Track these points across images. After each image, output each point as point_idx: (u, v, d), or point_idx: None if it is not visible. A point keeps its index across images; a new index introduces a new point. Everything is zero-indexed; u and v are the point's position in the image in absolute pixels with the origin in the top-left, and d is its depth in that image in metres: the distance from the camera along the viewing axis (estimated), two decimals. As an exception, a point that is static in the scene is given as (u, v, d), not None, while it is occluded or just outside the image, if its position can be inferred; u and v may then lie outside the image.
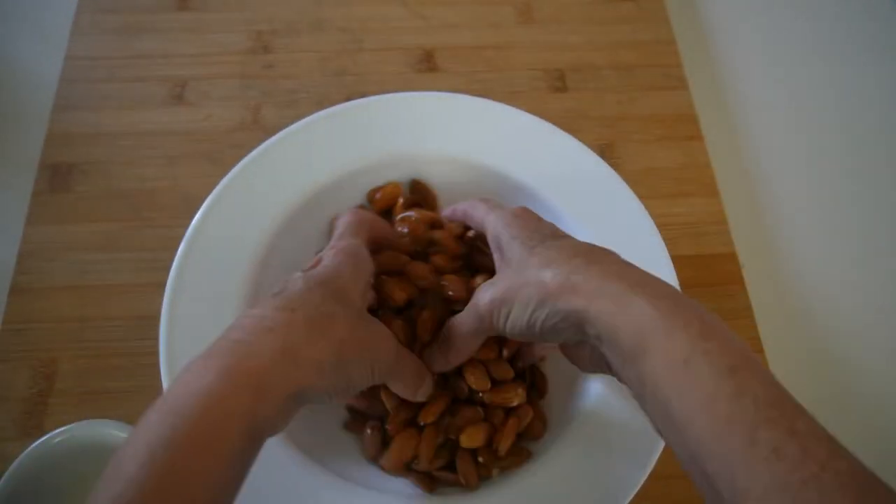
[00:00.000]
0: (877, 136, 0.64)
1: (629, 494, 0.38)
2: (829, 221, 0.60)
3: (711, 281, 0.55)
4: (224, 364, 0.29)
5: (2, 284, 0.52)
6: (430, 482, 0.40)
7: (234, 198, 0.45)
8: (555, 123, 0.49)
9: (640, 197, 0.46)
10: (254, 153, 0.47)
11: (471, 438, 0.39)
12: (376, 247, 0.42)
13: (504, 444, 0.39)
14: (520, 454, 0.41)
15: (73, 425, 0.41)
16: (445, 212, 0.46)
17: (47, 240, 0.54)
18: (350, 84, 0.62)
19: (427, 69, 0.63)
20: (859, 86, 0.67)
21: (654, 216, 0.46)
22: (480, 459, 0.40)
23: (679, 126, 0.62)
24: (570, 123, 0.50)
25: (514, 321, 0.34)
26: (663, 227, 0.45)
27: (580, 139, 0.49)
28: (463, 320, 0.37)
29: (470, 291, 0.40)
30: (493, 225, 0.39)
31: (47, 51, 0.63)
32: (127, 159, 0.57)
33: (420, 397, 0.39)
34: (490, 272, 0.41)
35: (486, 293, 0.35)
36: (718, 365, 0.27)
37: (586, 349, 0.35)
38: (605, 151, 0.59)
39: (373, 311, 0.42)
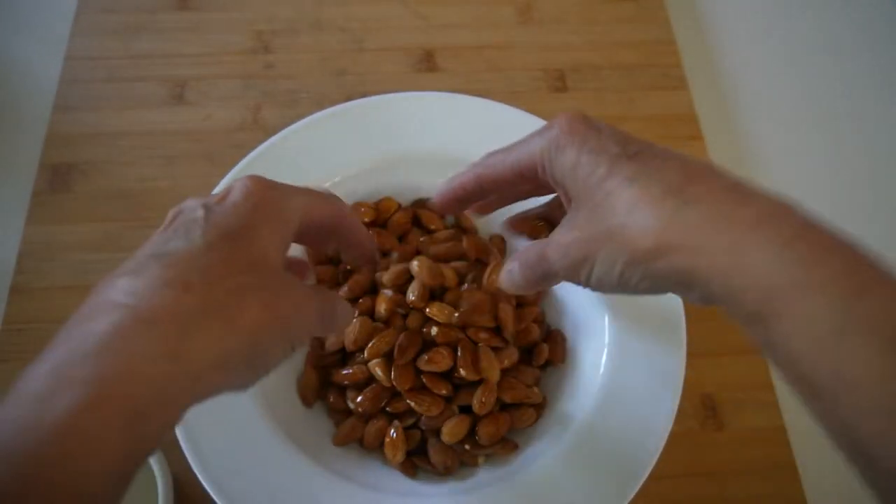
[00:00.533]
0: (877, 136, 0.64)
1: (629, 495, 0.38)
2: (829, 219, 0.60)
3: (711, 281, 0.55)
4: (87, 378, 0.21)
5: (2, 284, 0.52)
6: (410, 467, 0.41)
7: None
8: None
9: (640, 197, 0.46)
10: (254, 153, 0.47)
11: (452, 433, 0.40)
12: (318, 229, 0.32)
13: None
14: (505, 446, 0.41)
15: (73, 425, 0.41)
16: (441, 193, 0.36)
17: (47, 240, 0.54)
18: (350, 84, 0.62)
19: (427, 69, 0.63)
20: (860, 85, 0.67)
21: (654, 216, 0.46)
22: (467, 447, 0.40)
23: (679, 126, 0.62)
24: (570, 123, 0.50)
25: (601, 279, 0.27)
26: (663, 227, 0.45)
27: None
28: (525, 269, 0.30)
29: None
30: (548, 157, 0.29)
31: (47, 51, 0.63)
32: (127, 159, 0.57)
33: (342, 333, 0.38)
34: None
35: (559, 247, 0.28)
36: (882, 333, 0.21)
37: (697, 295, 0.26)
38: (605, 151, 0.59)
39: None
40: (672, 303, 0.42)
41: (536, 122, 0.49)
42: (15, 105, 0.61)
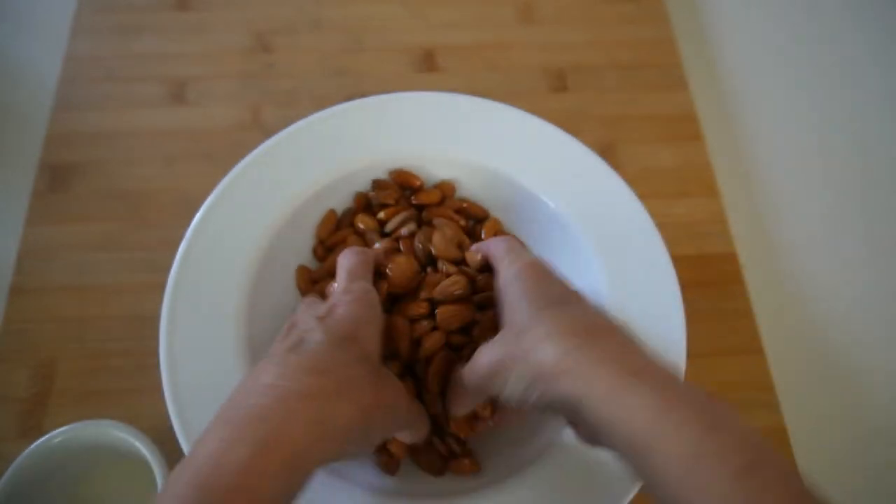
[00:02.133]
0: (878, 136, 0.64)
1: (627, 496, 0.38)
2: (829, 221, 0.60)
3: (711, 281, 0.55)
4: (258, 437, 0.27)
5: (2, 284, 0.52)
6: (391, 462, 0.41)
7: (235, 198, 0.45)
8: (555, 123, 0.49)
9: (640, 197, 0.46)
10: (254, 153, 0.47)
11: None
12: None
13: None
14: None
15: (73, 425, 0.41)
16: (473, 247, 0.44)
17: (47, 240, 0.54)
18: (350, 84, 0.62)
19: (427, 69, 0.63)
20: (860, 85, 0.67)
21: (654, 216, 0.46)
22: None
23: (679, 126, 0.62)
24: (570, 123, 0.50)
25: (510, 393, 0.33)
26: (663, 227, 0.45)
27: (580, 139, 0.49)
28: (466, 378, 0.36)
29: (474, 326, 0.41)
30: (503, 276, 0.37)
31: (47, 51, 0.63)
32: (127, 159, 0.57)
33: (422, 440, 0.39)
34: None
35: (485, 356, 0.34)
36: (733, 463, 0.25)
37: (584, 429, 0.32)
38: (605, 151, 0.59)
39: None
40: (672, 305, 0.42)
41: (536, 122, 0.49)
42: (15, 105, 0.61)
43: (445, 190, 0.49)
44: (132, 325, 0.50)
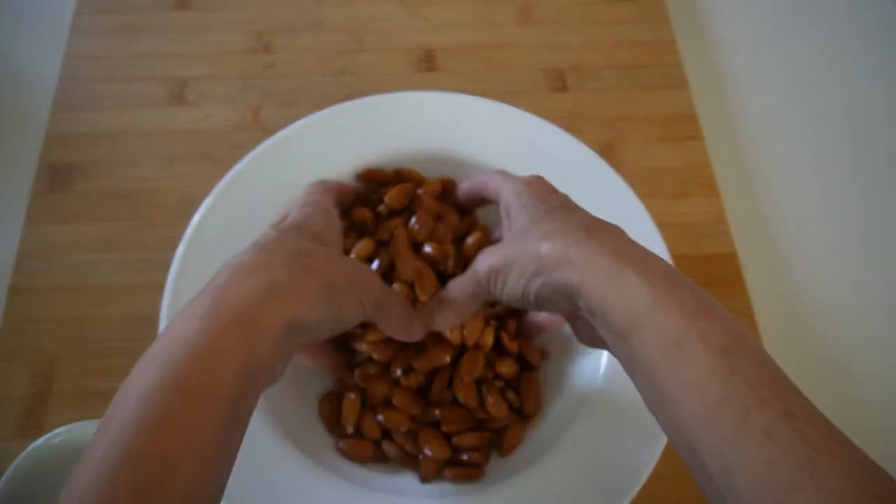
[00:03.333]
0: (878, 136, 0.64)
1: (629, 495, 0.38)
2: (829, 221, 0.60)
3: (711, 281, 0.55)
4: (209, 307, 0.28)
5: (2, 284, 0.52)
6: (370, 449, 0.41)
7: (234, 197, 0.45)
8: (555, 123, 0.49)
9: (640, 197, 0.46)
10: (254, 152, 0.47)
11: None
12: (346, 205, 0.44)
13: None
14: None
15: (73, 425, 0.41)
16: (462, 185, 0.46)
17: (47, 240, 0.54)
18: (350, 84, 0.62)
19: (427, 69, 0.63)
20: (860, 85, 0.67)
21: (654, 216, 0.46)
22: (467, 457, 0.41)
23: (679, 126, 0.62)
24: (570, 123, 0.50)
25: (510, 289, 0.33)
26: (663, 226, 0.45)
27: (580, 139, 0.49)
28: (462, 283, 0.37)
29: (461, 256, 0.43)
30: (506, 193, 0.38)
31: (47, 50, 0.63)
32: (127, 159, 0.57)
33: (414, 335, 0.38)
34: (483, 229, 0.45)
35: (486, 259, 0.35)
36: (712, 345, 0.26)
37: (582, 321, 0.34)
38: (605, 151, 0.59)
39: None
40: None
41: (537, 122, 0.49)
42: (15, 105, 0.61)
43: (446, 185, 0.49)
44: (132, 325, 0.50)
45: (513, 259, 0.33)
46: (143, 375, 0.26)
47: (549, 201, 0.36)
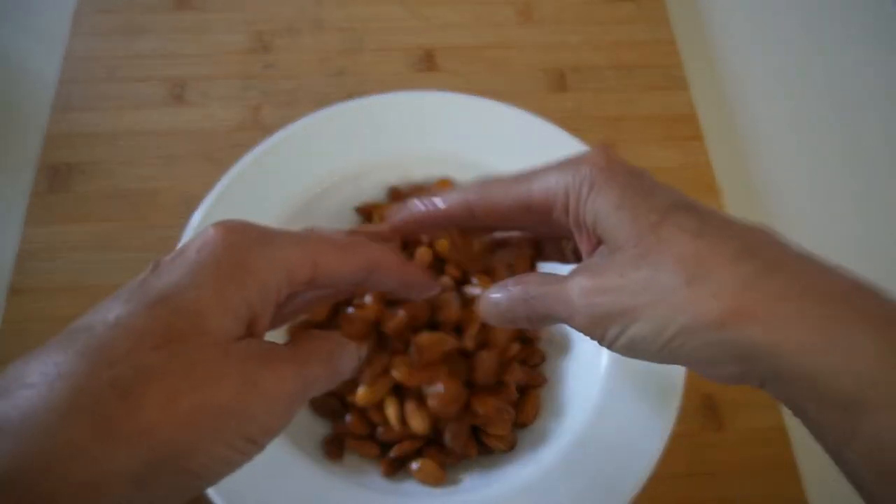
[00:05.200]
0: (878, 135, 0.64)
1: (628, 496, 0.38)
2: (829, 221, 0.60)
3: (711, 281, 0.54)
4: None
5: (2, 284, 0.52)
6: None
7: (234, 197, 0.45)
8: (555, 123, 0.49)
9: (641, 197, 0.46)
10: (253, 152, 0.47)
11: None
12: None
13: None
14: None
15: None
16: (416, 217, 0.30)
17: (47, 240, 0.54)
18: (350, 84, 0.62)
19: (427, 69, 0.63)
20: (860, 85, 0.67)
21: (654, 216, 0.46)
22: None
23: (679, 126, 0.62)
24: (570, 123, 0.50)
25: (637, 342, 0.23)
26: (663, 227, 0.45)
27: (580, 139, 0.49)
28: (542, 304, 0.25)
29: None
30: (575, 193, 0.25)
31: (47, 51, 0.63)
32: (127, 159, 0.57)
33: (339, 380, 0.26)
34: None
35: (583, 283, 0.24)
36: None
37: (772, 388, 0.23)
38: (606, 151, 0.59)
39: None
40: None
41: (537, 122, 0.49)
42: (14, 105, 0.61)
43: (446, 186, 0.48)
44: (132, 325, 0.50)
45: (638, 301, 0.23)
46: None
47: (656, 193, 0.25)
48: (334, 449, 0.41)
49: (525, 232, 0.31)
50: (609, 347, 0.25)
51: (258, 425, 0.22)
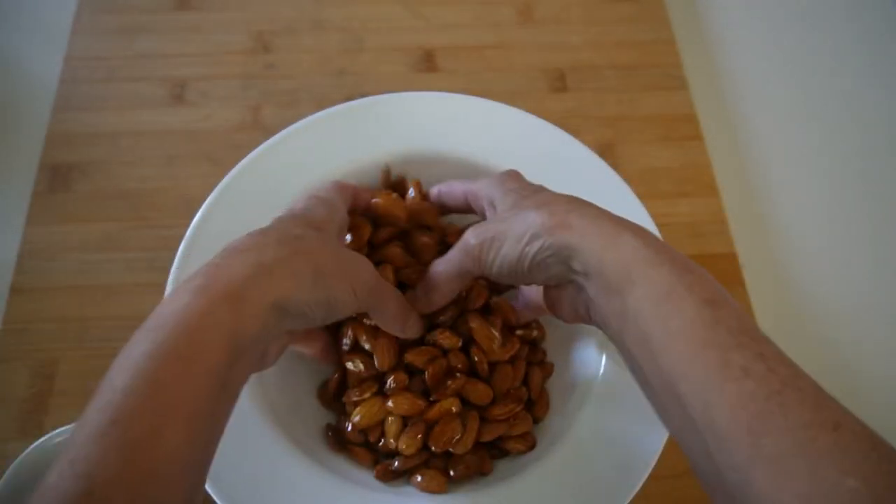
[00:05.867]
0: (877, 136, 0.64)
1: (628, 495, 0.38)
2: (829, 221, 0.60)
3: (711, 281, 0.55)
4: (199, 283, 0.29)
5: (2, 284, 0.52)
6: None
7: (235, 197, 0.45)
8: (555, 123, 0.49)
9: (640, 197, 0.46)
10: (254, 153, 0.47)
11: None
12: (361, 208, 0.42)
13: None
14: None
15: (73, 425, 0.41)
16: (433, 191, 0.45)
17: (47, 240, 0.54)
18: (350, 84, 0.62)
19: (427, 69, 0.63)
20: (860, 85, 0.67)
21: (654, 216, 0.46)
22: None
23: (679, 126, 0.62)
24: (570, 123, 0.50)
25: (505, 256, 0.34)
26: (663, 227, 0.45)
27: (580, 139, 0.49)
28: (448, 259, 0.37)
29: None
30: (486, 188, 0.39)
31: (47, 51, 0.63)
32: (127, 159, 0.57)
33: (409, 333, 0.39)
34: None
35: (478, 232, 0.36)
36: (699, 295, 0.29)
37: (568, 292, 0.35)
38: (605, 151, 0.59)
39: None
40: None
41: (536, 122, 0.49)
42: (15, 105, 0.61)
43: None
44: (132, 325, 0.50)
45: (507, 228, 0.34)
46: (135, 346, 0.28)
47: (532, 186, 0.38)
48: (335, 440, 0.41)
49: (470, 214, 0.43)
50: (488, 268, 0.35)
51: (360, 285, 0.34)
